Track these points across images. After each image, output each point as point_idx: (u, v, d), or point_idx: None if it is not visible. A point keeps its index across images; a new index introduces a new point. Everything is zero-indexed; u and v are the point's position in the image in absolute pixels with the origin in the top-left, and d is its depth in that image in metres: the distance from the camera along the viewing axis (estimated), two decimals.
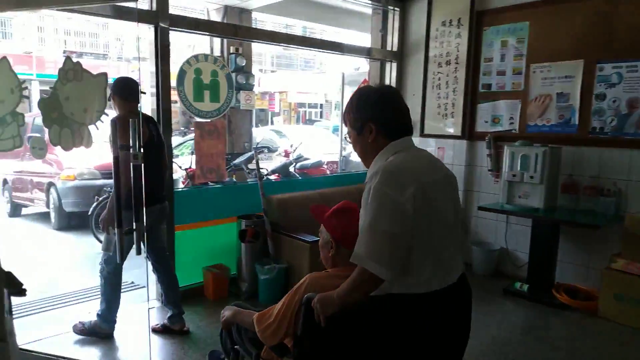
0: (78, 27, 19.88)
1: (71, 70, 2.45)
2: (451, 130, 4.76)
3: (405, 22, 5.13)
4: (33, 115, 5.49)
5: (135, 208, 2.40)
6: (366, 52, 5.14)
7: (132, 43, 17.68)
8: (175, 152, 9.11)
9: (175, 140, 12.35)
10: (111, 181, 6.27)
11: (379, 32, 5.26)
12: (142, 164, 2.28)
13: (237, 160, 6.77)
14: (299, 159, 8.63)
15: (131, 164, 2.27)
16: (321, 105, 26.66)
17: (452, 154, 4.77)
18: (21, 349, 2.70)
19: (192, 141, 8.40)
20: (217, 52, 7.52)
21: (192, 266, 3.81)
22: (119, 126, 2.43)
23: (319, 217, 1.89)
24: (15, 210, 7.36)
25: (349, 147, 7.35)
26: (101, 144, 6.95)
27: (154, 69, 3.47)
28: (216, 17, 7.68)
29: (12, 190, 7.17)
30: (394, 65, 5.18)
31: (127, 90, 2.93)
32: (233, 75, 7.39)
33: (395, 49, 5.15)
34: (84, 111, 2.49)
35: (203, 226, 3.92)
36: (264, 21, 13.38)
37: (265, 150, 8.95)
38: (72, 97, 2.48)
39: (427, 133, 4.94)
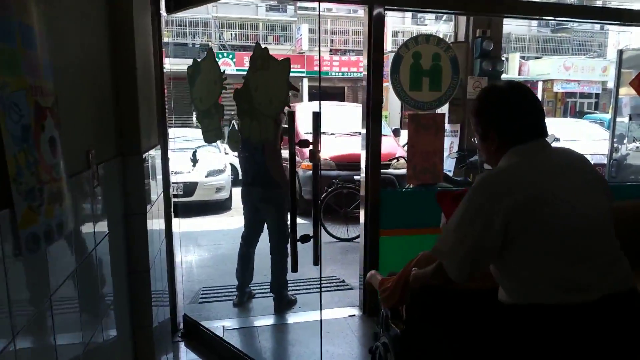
0: (342, 26, 21.47)
1: (259, 58, 2.26)
2: None
3: None
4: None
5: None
6: None
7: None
8: None
9: None
10: (344, 173, 6.23)
11: None
12: None
13: (474, 158, 5.97)
14: None
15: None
16: (597, 94, 22.37)
17: None
18: None
19: None
20: (461, 38, 6.79)
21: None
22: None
23: (442, 202, 1.88)
24: None
25: (627, 147, 5.64)
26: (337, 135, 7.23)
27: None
28: None
29: None
30: None
31: None
32: (478, 61, 6.58)
33: None
34: (269, 102, 2.28)
35: (410, 234, 3.40)
36: None
37: None
38: (260, 87, 2.30)
39: None
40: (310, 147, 2.12)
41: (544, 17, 3.78)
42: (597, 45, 23.56)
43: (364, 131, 3.22)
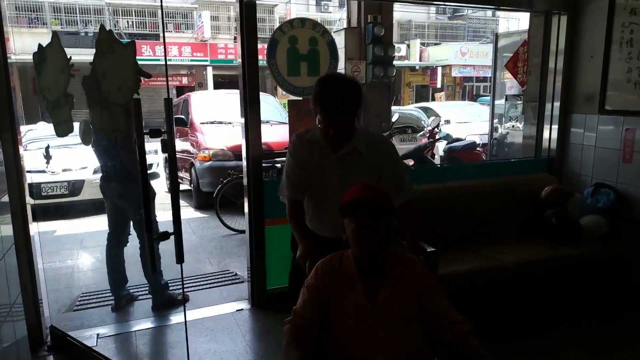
0: None
1: (105, 42, 2.06)
2: None
3: None
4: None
5: None
6: (526, 4, 3.92)
7: None
8: None
9: None
10: (241, 163, 6.02)
11: None
12: None
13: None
14: (448, 140, 7.56)
15: None
16: (491, 78, 24.06)
17: None
18: None
19: None
20: (354, 24, 6.87)
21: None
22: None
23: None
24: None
25: (504, 127, 6.07)
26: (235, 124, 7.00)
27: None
28: None
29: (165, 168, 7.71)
30: (564, 19, 3.83)
31: None
32: (370, 47, 6.70)
33: None
34: (118, 89, 2.09)
35: None
36: None
37: (409, 131, 8.06)
38: (107, 74, 2.10)
39: (610, 109, 3.55)
40: (164, 137, 1.97)
41: (428, 2, 3.91)
42: (490, 31, 25.28)
43: (242, 120, 3.12)
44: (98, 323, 3.05)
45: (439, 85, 22.44)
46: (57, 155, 5.86)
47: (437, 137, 7.14)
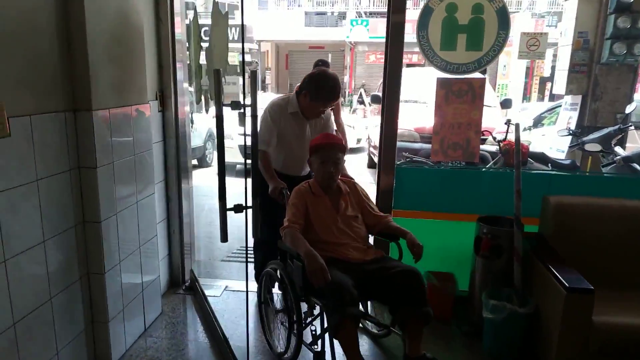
0: None
1: (214, 14, 2.13)
2: None
3: None
4: None
5: None
6: None
7: None
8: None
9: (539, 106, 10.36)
10: (428, 146, 5.71)
11: None
12: None
13: (588, 137, 4.97)
14: None
15: None
16: None
17: None
18: None
19: (560, 109, 6.80)
20: None
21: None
22: None
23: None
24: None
25: None
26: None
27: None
28: None
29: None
30: None
31: None
32: (612, 17, 5.34)
33: None
34: (219, 60, 2.15)
35: (436, 218, 2.99)
36: None
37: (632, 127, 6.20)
38: (216, 44, 2.18)
39: None
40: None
41: None
42: None
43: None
44: (228, 276, 3.38)
45: None
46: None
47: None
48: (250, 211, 2.00)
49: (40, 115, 1.89)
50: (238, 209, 2.01)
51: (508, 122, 4.50)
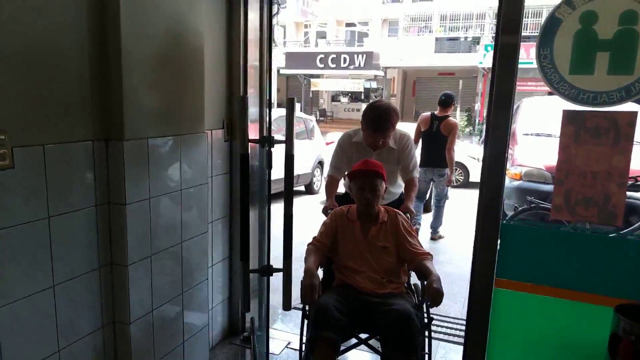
0: None
1: None
2: None
3: None
4: None
5: None
6: None
7: None
8: None
9: None
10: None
11: None
12: None
13: None
14: None
15: None
16: None
17: None
18: None
19: None
20: None
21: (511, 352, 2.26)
22: None
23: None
24: None
25: None
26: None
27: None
28: None
29: None
30: None
31: None
32: None
33: None
34: None
35: (555, 295, 2.22)
36: None
37: None
38: None
39: None
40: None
41: None
42: None
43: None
44: (294, 328, 2.92)
45: None
46: None
47: None
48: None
49: (59, 145, 1.69)
50: (264, 271, 1.60)
51: None
